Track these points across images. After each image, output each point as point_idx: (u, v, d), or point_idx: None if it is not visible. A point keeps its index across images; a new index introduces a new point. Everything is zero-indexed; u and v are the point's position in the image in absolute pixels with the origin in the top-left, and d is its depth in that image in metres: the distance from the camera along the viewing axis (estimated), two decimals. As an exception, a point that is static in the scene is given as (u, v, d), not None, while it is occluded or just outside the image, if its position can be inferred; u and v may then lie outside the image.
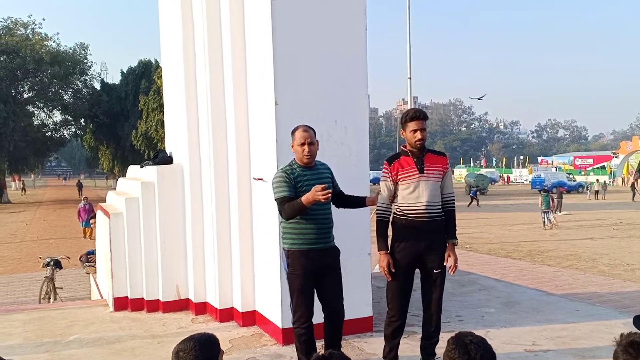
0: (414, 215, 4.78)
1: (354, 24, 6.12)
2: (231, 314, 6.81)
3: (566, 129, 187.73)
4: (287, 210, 4.55)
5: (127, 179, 8.94)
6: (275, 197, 4.66)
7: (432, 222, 4.80)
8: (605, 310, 7.31)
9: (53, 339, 6.50)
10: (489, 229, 25.22)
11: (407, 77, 24.73)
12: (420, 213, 4.76)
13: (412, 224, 4.79)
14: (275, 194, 4.67)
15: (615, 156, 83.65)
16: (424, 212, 4.76)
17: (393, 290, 4.92)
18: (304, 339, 4.74)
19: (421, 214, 4.76)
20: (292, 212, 4.54)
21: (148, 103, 48.51)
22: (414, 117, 4.81)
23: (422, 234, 4.79)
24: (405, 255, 4.81)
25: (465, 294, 8.19)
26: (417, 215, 4.77)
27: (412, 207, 4.77)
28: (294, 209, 4.51)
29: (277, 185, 4.65)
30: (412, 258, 4.83)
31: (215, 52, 6.73)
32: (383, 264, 4.81)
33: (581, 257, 17.22)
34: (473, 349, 2.48)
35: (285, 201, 4.57)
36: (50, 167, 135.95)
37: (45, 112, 56.34)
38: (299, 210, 4.52)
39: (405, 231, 4.83)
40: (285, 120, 5.60)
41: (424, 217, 4.77)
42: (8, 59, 49.55)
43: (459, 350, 2.50)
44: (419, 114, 4.86)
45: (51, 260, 11.72)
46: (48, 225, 31.04)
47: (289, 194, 4.58)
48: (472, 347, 2.49)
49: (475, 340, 2.53)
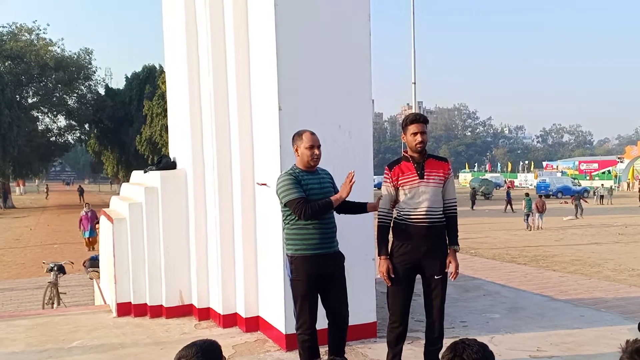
0: (414, 220, 4.76)
1: (358, 28, 6.11)
2: (234, 320, 6.80)
3: (571, 134, 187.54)
4: (313, 209, 4.52)
5: (131, 184, 8.94)
6: (288, 199, 4.59)
7: (432, 228, 4.78)
8: (610, 316, 7.27)
9: (56, 344, 6.49)
10: (494, 234, 25.17)
11: (412, 82, 24.75)
12: (420, 218, 4.74)
13: (412, 229, 4.77)
14: (286, 196, 4.60)
15: (621, 161, 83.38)
16: (424, 218, 4.74)
17: (393, 295, 4.90)
18: (308, 345, 4.72)
19: (421, 219, 4.74)
20: (318, 211, 4.55)
21: (152, 108, 48.64)
22: (414, 120, 4.80)
23: (422, 239, 4.77)
24: (405, 261, 4.79)
25: (469, 299, 8.16)
26: (417, 221, 4.75)
27: (412, 212, 4.76)
28: (321, 208, 4.55)
29: (288, 188, 4.61)
30: (412, 263, 4.81)
31: (219, 58, 6.73)
32: (382, 269, 4.80)
33: (586, 262, 17.17)
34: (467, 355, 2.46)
35: (303, 201, 4.53)
36: (55, 172, 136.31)
37: (50, 117, 56.55)
38: (327, 209, 4.60)
39: (405, 236, 4.81)
40: (288, 125, 5.58)
41: (424, 223, 4.75)
42: (13, 64, 49.78)
43: (452, 355, 2.49)
44: (419, 117, 4.85)
45: (55, 265, 11.73)
46: (52, 230, 31.11)
47: (303, 194, 4.57)
48: (467, 352, 2.47)
49: (470, 344, 2.52)
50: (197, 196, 7.24)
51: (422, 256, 4.78)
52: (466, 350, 2.48)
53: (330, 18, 5.98)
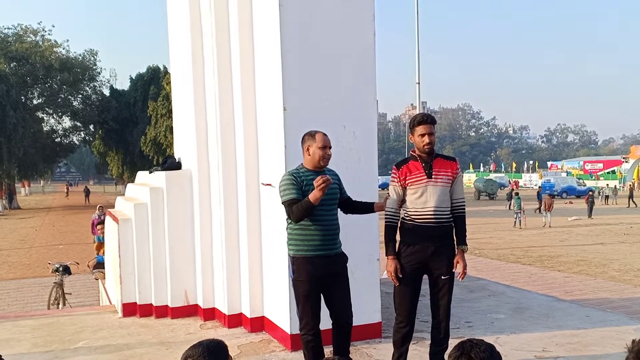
0: (421, 220, 4.75)
1: (362, 29, 6.11)
2: (240, 320, 6.80)
3: (576, 134, 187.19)
4: (295, 212, 4.51)
5: (136, 184, 8.95)
6: (283, 200, 4.63)
7: (439, 227, 4.77)
8: (616, 317, 7.25)
9: (61, 345, 6.51)
10: (499, 234, 25.14)
11: (416, 82, 24.70)
12: (428, 218, 4.74)
13: (420, 229, 4.76)
14: (282, 197, 4.64)
15: (626, 161, 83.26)
16: (431, 217, 4.74)
17: (400, 295, 4.89)
18: (312, 345, 4.72)
19: (429, 218, 4.74)
20: (300, 212, 4.50)
21: (157, 109, 48.72)
22: (422, 122, 4.79)
23: (430, 239, 4.76)
24: (413, 260, 4.79)
25: (474, 299, 8.15)
26: (424, 220, 4.74)
27: (419, 212, 4.75)
28: (302, 209, 4.47)
29: (285, 188, 4.63)
30: (419, 263, 4.80)
31: (224, 58, 6.74)
32: (390, 269, 4.79)
33: (592, 262, 17.13)
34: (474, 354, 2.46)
35: (293, 203, 4.54)
36: (60, 173, 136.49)
37: (55, 118, 56.77)
38: (307, 210, 4.47)
39: (412, 236, 4.81)
40: (293, 125, 5.59)
41: (432, 222, 4.74)
42: (18, 65, 49.93)
43: (459, 353, 2.49)
44: (427, 118, 4.84)
45: (60, 266, 11.75)
46: (57, 231, 31.16)
47: (297, 196, 4.55)
48: (474, 351, 2.47)
49: (477, 342, 2.51)
50: (202, 196, 7.25)
51: (429, 256, 4.77)
52: (474, 349, 2.48)
53: (335, 18, 5.99)
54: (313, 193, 4.40)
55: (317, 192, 4.36)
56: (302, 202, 4.47)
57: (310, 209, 4.47)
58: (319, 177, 4.35)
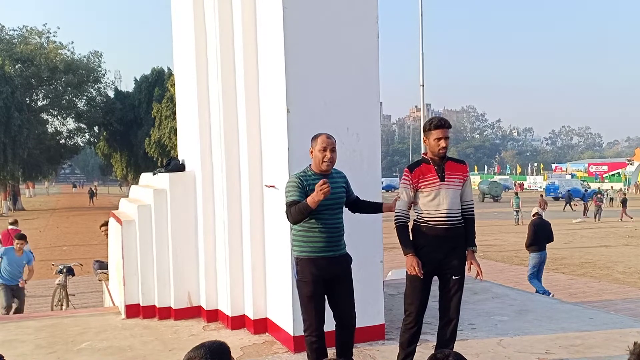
0: (435, 222, 4.79)
1: (365, 31, 6.11)
2: (243, 322, 6.80)
3: (580, 136, 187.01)
4: (292, 213, 4.51)
5: (140, 186, 8.96)
6: (286, 201, 4.64)
7: (452, 229, 4.82)
8: (619, 319, 7.23)
9: (65, 346, 6.52)
10: (503, 237, 25.08)
11: (420, 84, 24.67)
12: (441, 220, 4.78)
13: (433, 231, 4.80)
14: (285, 199, 4.65)
15: (630, 163, 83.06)
16: (445, 220, 4.78)
17: (412, 296, 4.89)
18: (315, 347, 4.71)
19: (442, 221, 4.78)
20: (297, 214, 4.49)
21: (161, 111, 48.84)
22: (439, 126, 4.81)
23: (443, 241, 4.81)
24: (426, 262, 4.79)
25: (478, 302, 8.13)
26: (438, 223, 4.78)
27: (432, 214, 4.79)
28: (298, 210, 4.46)
29: (289, 190, 4.64)
30: (432, 265, 4.82)
31: (228, 60, 6.75)
32: (413, 264, 4.70)
33: (596, 264, 17.09)
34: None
35: (293, 205, 4.54)
36: (64, 175, 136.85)
37: (59, 120, 56.87)
38: (304, 212, 4.45)
39: (426, 238, 4.83)
40: (296, 127, 5.60)
41: (445, 225, 4.78)
42: (23, 67, 50.08)
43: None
44: (444, 122, 4.87)
45: (64, 267, 11.78)
46: (61, 232, 31.20)
47: (299, 198, 4.55)
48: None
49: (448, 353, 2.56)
50: (206, 198, 7.26)
51: (442, 257, 4.81)
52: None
53: (338, 21, 5.99)
54: (312, 196, 4.39)
55: (316, 195, 4.35)
56: (300, 204, 4.47)
57: (307, 211, 4.45)
58: (320, 182, 4.35)
